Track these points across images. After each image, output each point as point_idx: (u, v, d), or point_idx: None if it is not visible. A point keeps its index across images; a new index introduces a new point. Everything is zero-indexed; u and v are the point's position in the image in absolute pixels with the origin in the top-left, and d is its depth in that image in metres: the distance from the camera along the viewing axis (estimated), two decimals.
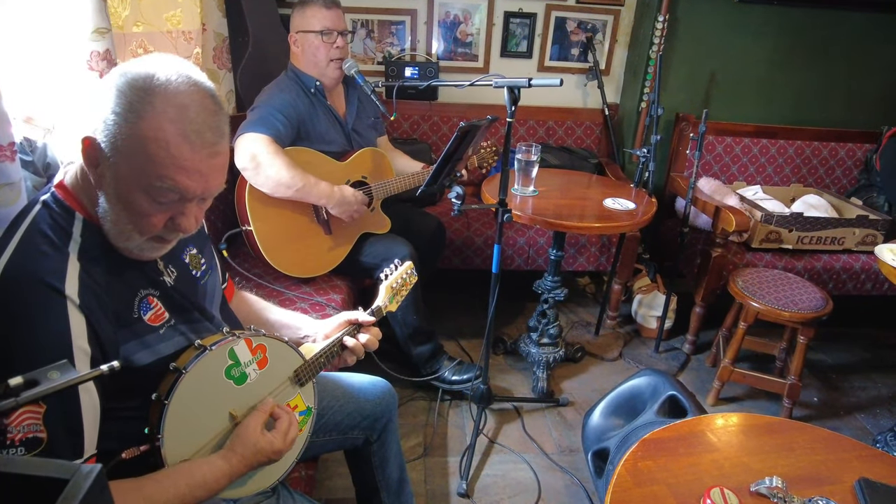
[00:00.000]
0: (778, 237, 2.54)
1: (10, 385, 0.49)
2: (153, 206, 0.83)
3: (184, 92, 0.81)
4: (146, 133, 0.78)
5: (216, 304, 1.10)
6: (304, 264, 1.92)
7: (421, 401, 2.21)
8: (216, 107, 0.85)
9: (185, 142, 0.80)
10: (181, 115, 0.80)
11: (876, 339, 2.90)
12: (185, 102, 0.80)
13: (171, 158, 0.80)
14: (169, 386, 0.86)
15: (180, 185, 0.81)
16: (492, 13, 2.88)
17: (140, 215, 0.83)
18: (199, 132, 0.81)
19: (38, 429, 0.73)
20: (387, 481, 1.43)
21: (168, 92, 0.79)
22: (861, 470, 1.14)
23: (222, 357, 0.93)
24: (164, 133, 0.79)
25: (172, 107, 0.79)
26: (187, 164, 0.81)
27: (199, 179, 0.83)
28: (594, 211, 2.02)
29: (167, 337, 0.92)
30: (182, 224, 0.87)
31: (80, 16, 1.26)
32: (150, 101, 0.78)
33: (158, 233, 0.86)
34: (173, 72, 0.81)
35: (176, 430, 0.85)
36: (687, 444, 1.19)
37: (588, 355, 2.56)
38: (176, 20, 1.85)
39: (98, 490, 0.44)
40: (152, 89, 0.79)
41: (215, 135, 0.83)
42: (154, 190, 0.81)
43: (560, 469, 1.94)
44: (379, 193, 2.06)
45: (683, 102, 2.95)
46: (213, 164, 0.84)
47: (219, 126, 0.84)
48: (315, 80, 1.94)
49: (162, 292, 0.94)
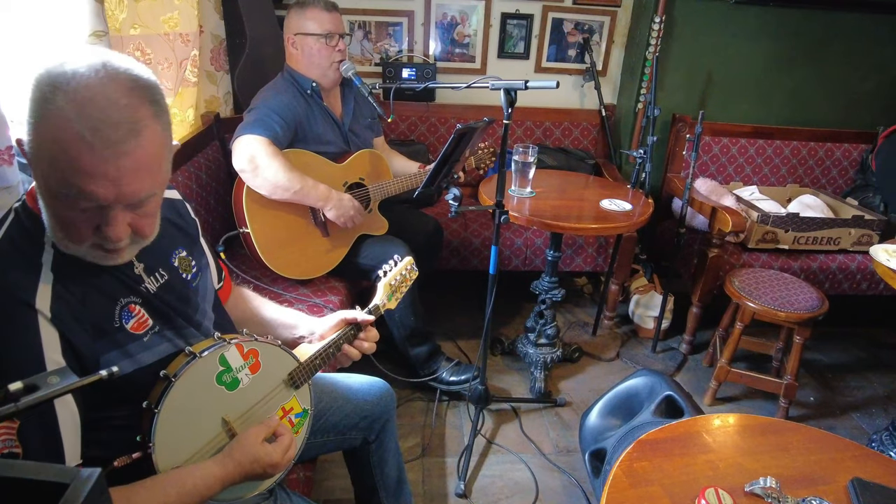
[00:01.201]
0: (774, 237, 2.55)
1: (10, 390, 0.49)
2: (72, 212, 0.75)
3: (89, 84, 0.71)
4: (46, 134, 0.71)
5: (209, 307, 1.07)
6: (302, 266, 1.93)
7: (419, 401, 2.21)
8: (133, 99, 0.74)
9: (82, 142, 0.71)
10: (81, 112, 0.70)
11: (872, 339, 2.91)
12: (89, 96, 0.71)
13: (70, 162, 0.71)
14: (159, 394, 0.85)
15: (86, 191, 0.73)
16: (489, 14, 2.88)
17: (64, 223, 0.77)
18: (97, 129, 0.71)
19: (13, 444, 0.71)
20: (385, 481, 1.43)
21: (71, 86, 0.71)
22: (854, 470, 1.14)
23: (213, 363, 0.92)
24: (63, 133, 0.70)
25: (73, 103, 0.70)
26: (87, 167, 0.72)
27: (107, 184, 0.73)
28: (591, 212, 2.03)
29: (152, 344, 0.90)
30: (109, 233, 0.78)
31: (78, 19, 1.26)
32: (51, 98, 0.71)
33: (94, 241, 0.79)
34: (83, 62, 0.72)
35: (167, 437, 0.85)
36: (682, 444, 1.20)
37: (585, 355, 2.57)
38: (173, 22, 1.85)
39: (97, 494, 0.44)
40: (56, 85, 0.71)
41: (121, 131, 0.73)
42: (63, 197, 0.74)
43: (558, 469, 1.95)
44: (376, 195, 2.07)
45: (680, 103, 2.96)
46: (122, 165, 0.73)
47: (130, 122, 0.73)
48: (312, 82, 1.95)
49: (144, 299, 0.91)
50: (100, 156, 0.72)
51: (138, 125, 0.75)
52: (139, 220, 0.81)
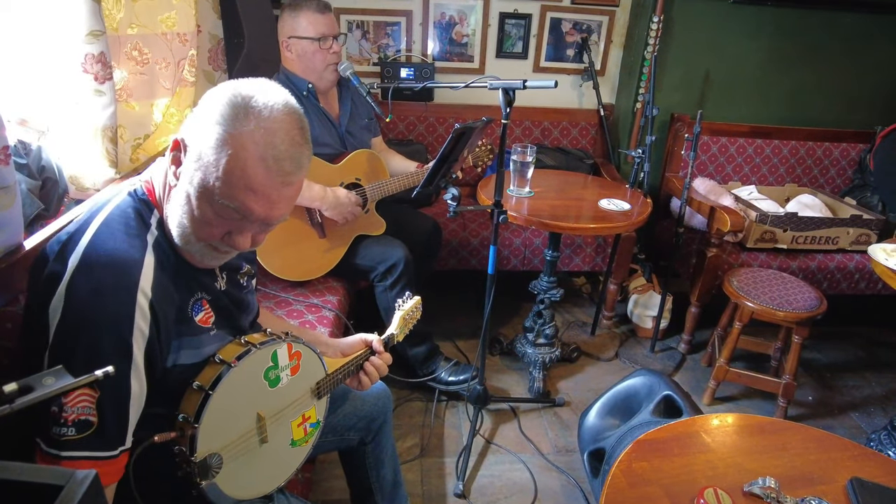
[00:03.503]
0: (772, 237, 2.55)
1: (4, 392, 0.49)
2: (216, 217, 0.85)
3: (277, 118, 0.83)
4: (230, 148, 0.81)
5: (252, 317, 1.13)
6: (300, 267, 1.92)
7: (417, 401, 2.21)
8: (303, 140, 0.87)
9: (263, 165, 0.82)
10: (267, 140, 0.82)
11: (870, 338, 2.92)
12: (275, 128, 0.83)
13: (245, 178, 0.82)
14: (214, 377, 0.87)
15: (245, 206, 0.83)
16: (487, 14, 2.88)
17: (202, 221, 0.85)
18: (279, 159, 0.83)
19: (91, 412, 0.75)
20: (381, 482, 1.43)
21: (262, 115, 0.82)
22: (853, 470, 1.14)
23: (265, 357, 0.95)
24: (246, 152, 0.81)
25: (262, 130, 0.82)
26: (258, 187, 0.82)
27: (266, 205, 0.84)
28: (590, 212, 2.03)
29: (210, 341, 0.94)
30: (237, 241, 0.88)
31: (75, 18, 1.26)
32: (244, 119, 0.81)
33: (214, 242, 0.88)
34: (274, 98, 0.84)
35: (211, 421, 0.86)
36: (681, 444, 1.20)
37: (584, 355, 2.57)
38: (171, 22, 1.85)
39: (92, 495, 0.44)
40: (249, 109, 0.82)
41: (293, 165, 0.85)
42: (220, 205, 0.83)
43: (556, 469, 1.95)
44: (373, 195, 2.06)
45: (678, 103, 2.96)
46: (284, 193, 0.86)
47: (299, 159, 0.86)
48: (307, 83, 1.94)
49: (214, 297, 0.97)
50: (272, 182, 0.83)
51: (303, 162, 0.87)
52: (260, 234, 0.91)
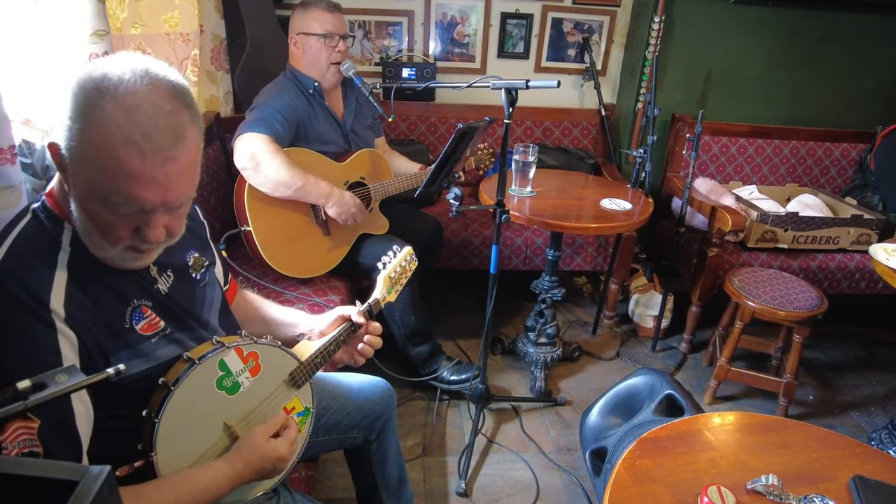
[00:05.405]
0: (773, 237, 2.55)
1: (18, 389, 0.49)
2: (113, 216, 0.77)
3: (136, 91, 0.73)
4: (94, 140, 0.73)
5: (215, 309, 1.09)
6: (303, 265, 1.93)
7: (419, 401, 2.22)
8: (175, 105, 0.76)
9: (133, 147, 0.73)
10: (130, 118, 0.72)
11: (870, 338, 2.92)
12: (136, 103, 0.73)
13: (120, 167, 0.73)
14: (159, 402, 0.85)
15: (134, 197, 0.75)
16: (488, 14, 2.89)
17: (104, 226, 0.78)
18: (148, 136, 0.73)
19: (34, 443, 0.71)
20: (386, 480, 1.43)
21: (118, 93, 0.72)
22: (856, 467, 1.15)
23: (212, 369, 0.91)
24: (112, 139, 0.72)
25: (121, 109, 0.72)
26: (137, 172, 0.74)
27: (155, 189, 0.76)
28: (591, 211, 2.03)
29: (160, 346, 0.90)
30: (148, 236, 0.80)
31: (79, 18, 1.26)
32: (99, 104, 0.72)
33: (129, 243, 0.81)
34: (128, 69, 0.74)
35: (169, 445, 0.85)
36: (684, 442, 1.20)
37: (585, 355, 2.58)
38: (174, 22, 1.85)
39: (107, 491, 0.44)
40: (103, 91, 0.72)
41: (169, 138, 0.75)
42: (109, 202, 0.75)
43: (558, 468, 1.95)
44: (377, 194, 2.07)
45: (679, 103, 2.96)
46: (169, 170, 0.76)
47: (175, 128, 0.76)
48: (314, 81, 1.95)
49: (155, 301, 0.92)
50: (150, 161, 0.74)
51: (182, 130, 0.77)
52: (173, 221, 0.83)
